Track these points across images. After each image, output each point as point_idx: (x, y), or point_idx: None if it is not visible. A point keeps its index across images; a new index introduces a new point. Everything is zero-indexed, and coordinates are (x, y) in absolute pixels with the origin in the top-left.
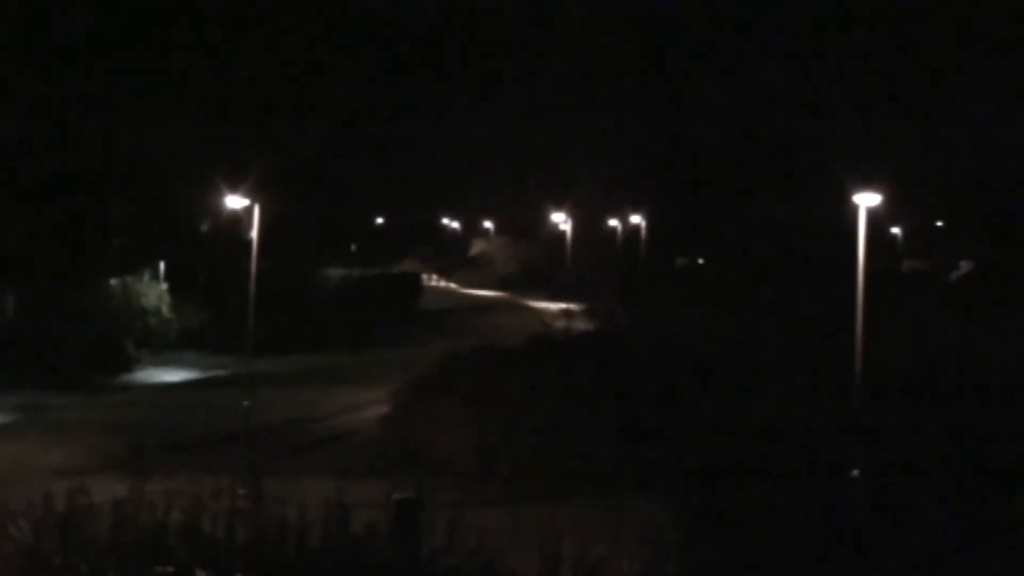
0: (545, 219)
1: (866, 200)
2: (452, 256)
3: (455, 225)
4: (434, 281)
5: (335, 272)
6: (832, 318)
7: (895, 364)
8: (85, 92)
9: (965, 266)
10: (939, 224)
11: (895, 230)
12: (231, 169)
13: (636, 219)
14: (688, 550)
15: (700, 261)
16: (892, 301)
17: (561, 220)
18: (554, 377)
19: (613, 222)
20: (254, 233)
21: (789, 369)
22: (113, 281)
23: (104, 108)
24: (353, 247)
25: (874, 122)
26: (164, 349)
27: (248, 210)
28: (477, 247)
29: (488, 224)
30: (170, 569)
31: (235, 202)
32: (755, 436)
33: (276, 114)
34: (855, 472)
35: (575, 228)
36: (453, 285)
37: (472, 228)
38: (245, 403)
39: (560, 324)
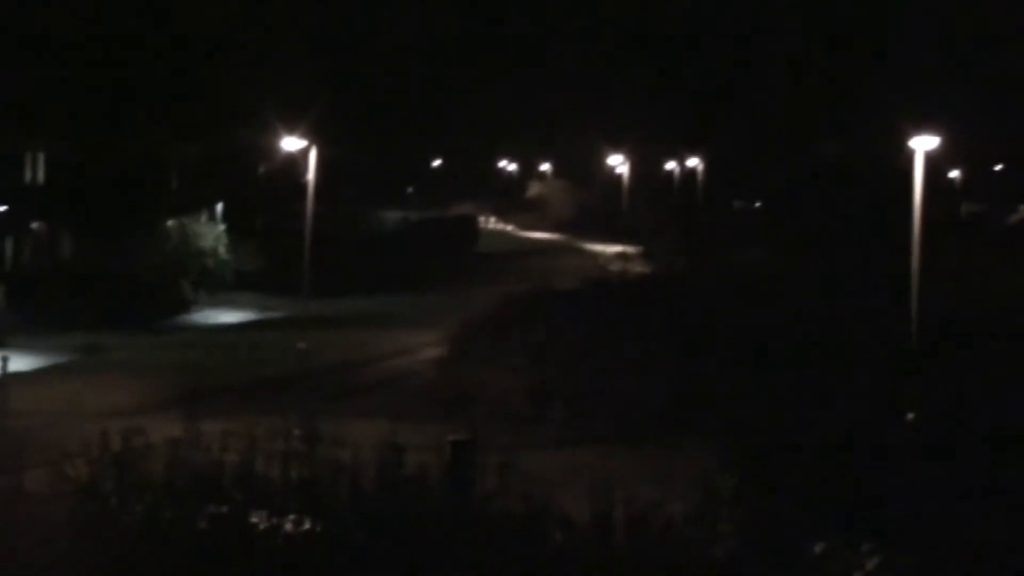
0: (602, 162)
1: (924, 144)
2: (509, 199)
3: (512, 168)
4: (491, 224)
5: (392, 215)
6: (889, 262)
7: (951, 308)
8: (145, 33)
9: (1023, 210)
10: (998, 168)
11: (953, 174)
12: (289, 112)
13: (693, 162)
14: (739, 493)
15: (757, 204)
16: (949, 245)
17: (618, 163)
18: (610, 320)
19: (670, 165)
20: (310, 176)
21: (845, 313)
22: (171, 222)
23: (164, 49)
24: (410, 189)
25: (933, 66)
26: (221, 290)
27: (305, 152)
28: (534, 190)
29: (545, 167)
30: (224, 509)
31: (292, 144)
32: (809, 381)
33: (334, 57)
34: (910, 415)
35: (632, 171)
36: (510, 228)
37: (529, 171)
38: (300, 345)
39: (617, 267)
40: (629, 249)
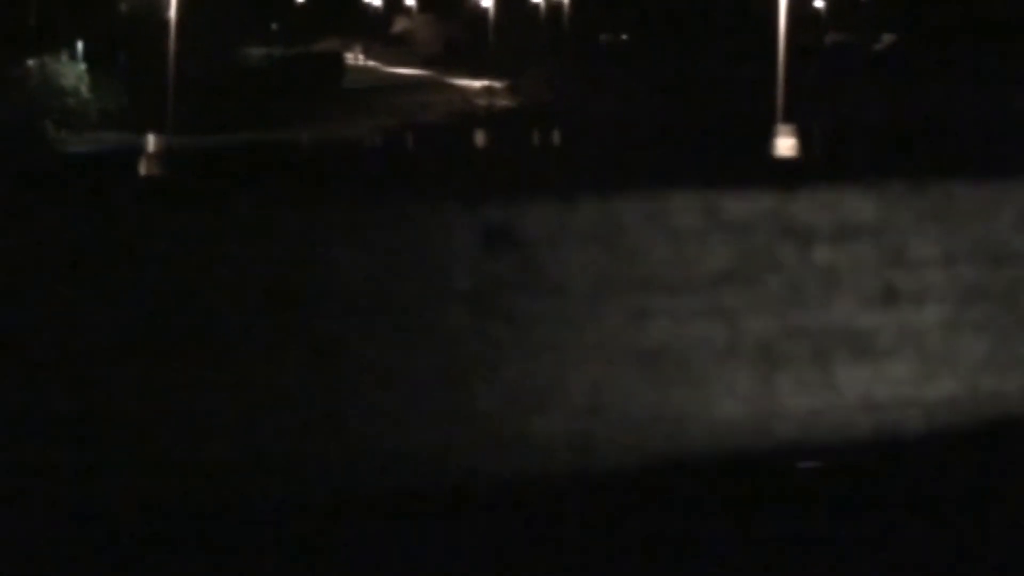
0: None
1: None
2: (374, 35)
3: (377, 2)
4: (358, 60)
5: (256, 51)
6: (753, 90)
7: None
8: None
9: (887, 39)
10: None
11: (818, 3)
12: None
13: None
14: None
15: (624, 37)
16: (814, 73)
17: None
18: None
19: None
20: (172, 12)
21: (705, 139)
22: (30, 62)
23: None
24: (274, 26)
25: None
26: (86, 130)
27: None
28: (400, 25)
29: (411, 1)
30: None
31: None
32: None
33: None
34: None
35: (497, 4)
36: (377, 64)
37: (395, 6)
38: None
39: (483, 101)
40: (496, 84)
